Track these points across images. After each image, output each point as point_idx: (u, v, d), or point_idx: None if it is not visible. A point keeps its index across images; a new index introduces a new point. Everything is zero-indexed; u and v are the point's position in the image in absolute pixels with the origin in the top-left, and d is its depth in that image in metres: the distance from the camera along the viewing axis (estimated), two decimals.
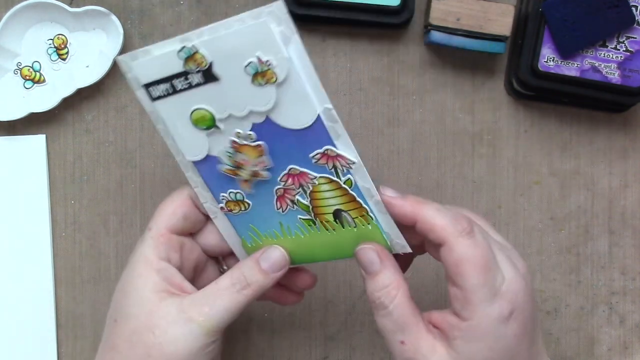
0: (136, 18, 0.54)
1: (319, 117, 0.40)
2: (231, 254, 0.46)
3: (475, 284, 0.38)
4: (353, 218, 0.44)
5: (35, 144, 0.53)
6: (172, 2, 0.54)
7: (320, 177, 0.43)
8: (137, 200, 0.54)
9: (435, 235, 0.40)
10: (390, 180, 0.54)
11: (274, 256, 0.43)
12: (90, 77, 0.52)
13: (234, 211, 0.44)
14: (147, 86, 0.41)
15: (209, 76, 0.40)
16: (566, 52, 0.51)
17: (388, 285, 0.40)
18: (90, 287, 0.54)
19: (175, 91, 0.40)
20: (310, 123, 0.40)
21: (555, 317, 0.55)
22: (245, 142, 0.41)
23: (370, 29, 0.53)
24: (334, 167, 0.42)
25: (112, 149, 0.54)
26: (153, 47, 0.40)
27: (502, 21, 0.51)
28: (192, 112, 0.41)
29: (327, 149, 0.42)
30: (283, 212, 0.44)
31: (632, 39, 0.51)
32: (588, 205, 0.55)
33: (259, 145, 0.41)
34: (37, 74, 0.53)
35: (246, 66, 0.39)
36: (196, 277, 0.45)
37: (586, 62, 0.51)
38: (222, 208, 0.44)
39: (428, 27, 0.52)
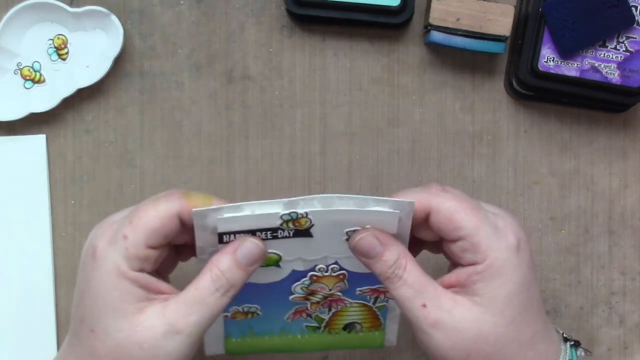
0: (136, 18, 0.54)
1: None
2: None
3: (475, 225, 0.40)
4: (363, 327, 0.45)
5: (35, 144, 0.53)
6: (172, 2, 0.54)
7: (355, 302, 0.43)
8: (137, 200, 0.54)
9: (417, 210, 0.41)
10: (390, 180, 0.54)
11: (250, 248, 0.40)
12: (90, 77, 0.52)
13: (237, 319, 0.43)
14: (223, 234, 0.38)
15: (302, 233, 0.38)
16: (566, 52, 0.51)
17: (397, 258, 0.41)
18: None
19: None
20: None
21: (555, 317, 0.55)
22: (327, 274, 0.41)
23: (370, 29, 0.53)
24: (377, 298, 0.43)
25: (112, 149, 0.54)
26: (246, 205, 0.37)
27: (502, 21, 0.51)
28: None
29: (379, 287, 0.42)
30: (291, 321, 0.44)
31: (632, 39, 0.51)
32: (588, 205, 0.55)
33: (342, 274, 0.41)
34: (37, 74, 0.53)
35: (348, 231, 0.39)
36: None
37: (586, 62, 0.51)
38: (225, 316, 0.43)
39: (428, 27, 0.52)
